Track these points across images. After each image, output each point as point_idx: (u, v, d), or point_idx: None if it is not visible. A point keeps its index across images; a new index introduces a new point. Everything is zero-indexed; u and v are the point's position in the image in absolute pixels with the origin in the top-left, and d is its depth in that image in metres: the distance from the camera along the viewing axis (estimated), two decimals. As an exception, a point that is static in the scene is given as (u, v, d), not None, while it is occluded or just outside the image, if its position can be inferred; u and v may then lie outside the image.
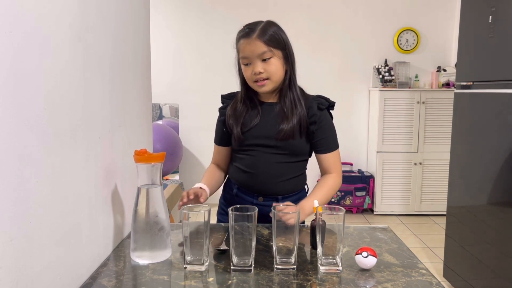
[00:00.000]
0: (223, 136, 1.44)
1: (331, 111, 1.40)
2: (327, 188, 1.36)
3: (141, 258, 1.06)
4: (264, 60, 1.28)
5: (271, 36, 1.27)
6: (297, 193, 1.42)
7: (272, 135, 1.33)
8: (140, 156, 1.06)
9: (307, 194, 1.43)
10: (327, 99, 1.39)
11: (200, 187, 1.34)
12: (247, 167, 1.38)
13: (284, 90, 1.34)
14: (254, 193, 1.39)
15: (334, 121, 1.40)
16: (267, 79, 1.29)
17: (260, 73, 1.28)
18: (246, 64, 1.30)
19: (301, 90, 1.38)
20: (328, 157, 1.38)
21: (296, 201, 1.35)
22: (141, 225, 1.06)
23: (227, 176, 1.50)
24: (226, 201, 1.47)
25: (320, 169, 1.42)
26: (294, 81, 1.35)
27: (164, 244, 1.08)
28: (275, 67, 1.29)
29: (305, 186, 1.48)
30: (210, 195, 1.38)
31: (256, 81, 1.30)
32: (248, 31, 1.28)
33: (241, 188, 1.42)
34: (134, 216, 1.06)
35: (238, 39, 1.31)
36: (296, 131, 1.32)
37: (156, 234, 1.06)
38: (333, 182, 1.38)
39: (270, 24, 1.31)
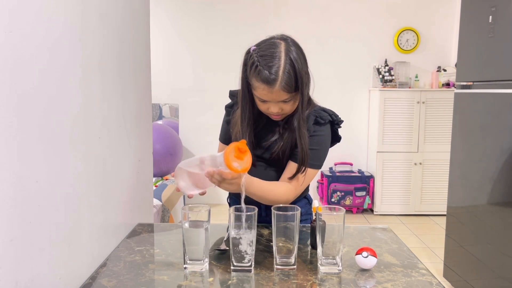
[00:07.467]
0: (227, 133, 1.39)
1: (338, 129, 1.31)
2: (276, 190, 1.23)
3: None
4: (283, 101, 1.19)
5: (295, 81, 1.14)
6: (295, 203, 1.33)
7: (266, 150, 1.29)
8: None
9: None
10: (331, 114, 1.28)
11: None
12: None
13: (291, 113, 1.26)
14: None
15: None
16: (282, 113, 1.24)
17: (277, 112, 1.22)
18: (263, 101, 1.21)
19: (309, 103, 1.28)
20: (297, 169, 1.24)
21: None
22: None
23: None
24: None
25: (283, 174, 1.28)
26: (303, 106, 1.23)
27: None
28: (292, 107, 1.22)
29: (308, 197, 1.42)
30: None
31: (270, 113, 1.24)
32: (270, 79, 1.13)
33: (236, 200, 1.37)
34: None
35: (257, 78, 1.15)
36: (288, 151, 1.25)
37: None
38: (285, 191, 1.24)
39: (292, 59, 1.14)
